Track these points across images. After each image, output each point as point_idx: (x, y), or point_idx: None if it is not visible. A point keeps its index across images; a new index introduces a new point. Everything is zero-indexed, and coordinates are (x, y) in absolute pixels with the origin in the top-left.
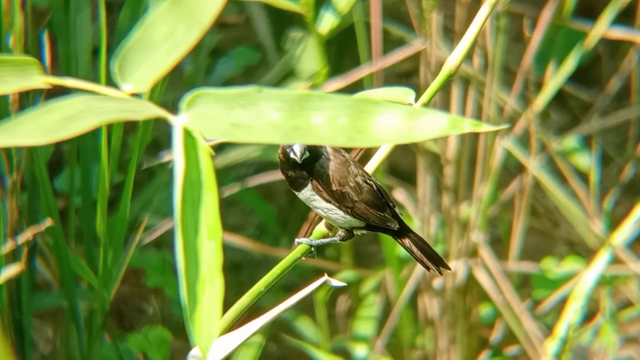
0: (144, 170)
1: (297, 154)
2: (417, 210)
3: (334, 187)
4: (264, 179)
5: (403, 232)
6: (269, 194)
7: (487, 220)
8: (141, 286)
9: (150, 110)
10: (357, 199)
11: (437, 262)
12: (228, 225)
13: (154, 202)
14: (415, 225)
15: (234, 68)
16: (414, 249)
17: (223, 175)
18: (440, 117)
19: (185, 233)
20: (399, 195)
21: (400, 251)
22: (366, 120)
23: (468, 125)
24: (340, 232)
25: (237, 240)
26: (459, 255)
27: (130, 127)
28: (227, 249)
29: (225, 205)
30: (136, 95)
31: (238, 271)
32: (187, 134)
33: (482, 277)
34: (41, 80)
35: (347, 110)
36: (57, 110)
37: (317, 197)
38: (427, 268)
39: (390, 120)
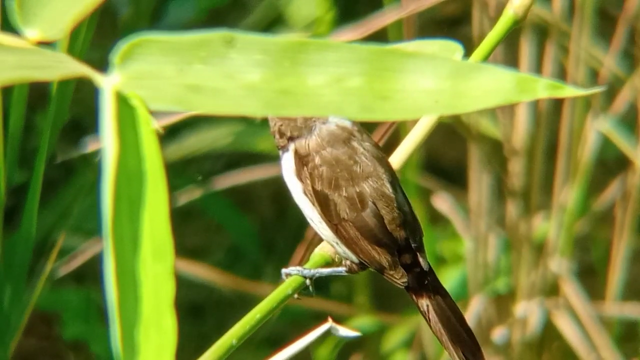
0: (59, 166)
1: None
2: (468, 225)
3: (318, 185)
4: (238, 178)
5: (421, 288)
6: (247, 201)
7: (573, 240)
8: (54, 339)
9: (66, 66)
10: (346, 217)
11: (470, 350)
12: (185, 249)
13: (74, 214)
14: (466, 247)
15: (195, 11)
16: (434, 320)
17: (177, 174)
18: (502, 76)
19: (119, 251)
20: (441, 202)
21: (445, 285)
22: (391, 80)
23: (545, 87)
24: (347, 260)
25: (199, 271)
26: (531, 294)
27: (38, 100)
28: (184, 283)
29: (182, 219)
30: (46, 44)
31: (200, 317)
32: (122, 102)
33: (565, 326)
34: None
35: (362, 67)
36: None
37: (296, 184)
38: (454, 358)
39: (427, 80)
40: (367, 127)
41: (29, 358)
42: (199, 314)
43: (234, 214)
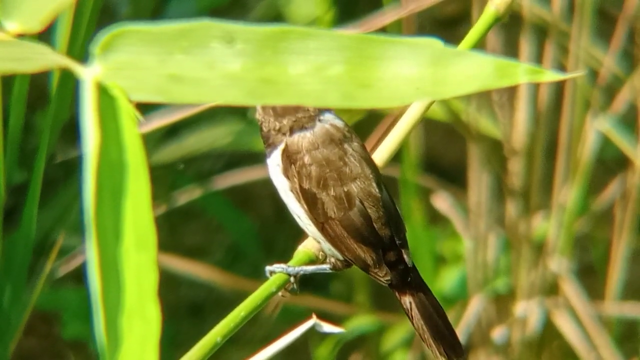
0: (59, 165)
1: None
2: (468, 224)
3: (305, 184)
4: (238, 178)
5: (405, 286)
6: (247, 200)
7: (573, 240)
8: (54, 338)
9: (47, 58)
10: (333, 216)
11: (450, 346)
12: (185, 248)
13: (74, 214)
14: (465, 247)
15: (195, 10)
16: (417, 317)
17: (177, 174)
18: (482, 62)
19: (102, 242)
20: (441, 202)
21: (445, 285)
22: (372, 68)
23: (525, 72)
24: (332, 258)
25: (199, 270)
26: (531, 293)
27: (38, 100)
28: (184, 283)
29: (182, 219)
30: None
31: (200, 316)
32: (103, 93)
33: (565, 325)
34: None
35: (344, 54)
36: None
37: (282, 181)
38: (435, 354)
39: (408, 67)
40: (370, 124)
41: (29, 357)
42: (199, 313)
43: (234, 213)
